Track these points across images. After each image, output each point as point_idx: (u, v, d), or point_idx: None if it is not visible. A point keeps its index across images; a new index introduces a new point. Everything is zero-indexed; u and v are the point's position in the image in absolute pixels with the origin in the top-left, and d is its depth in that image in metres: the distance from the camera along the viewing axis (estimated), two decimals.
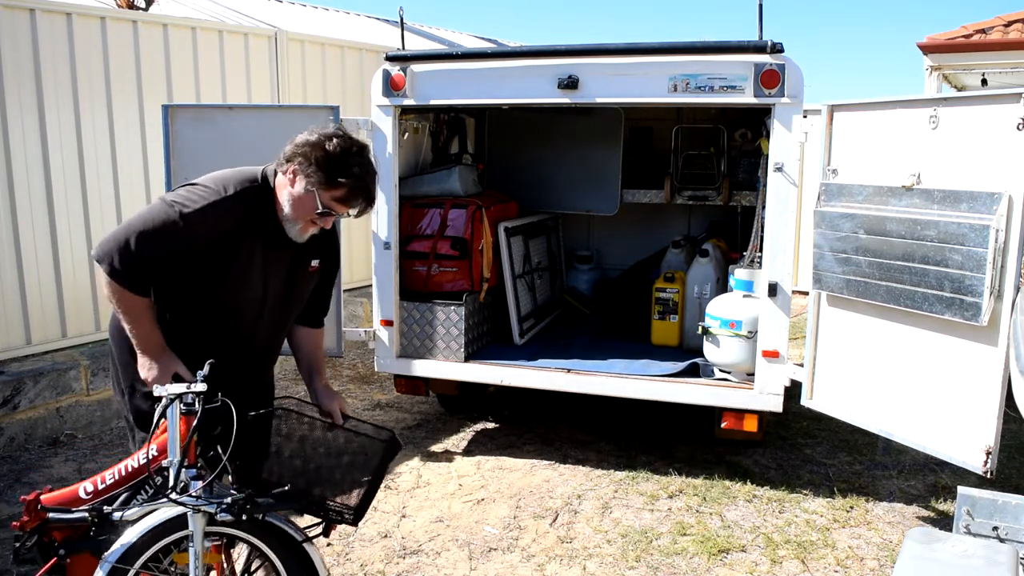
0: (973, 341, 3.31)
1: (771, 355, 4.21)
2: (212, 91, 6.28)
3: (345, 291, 5.32)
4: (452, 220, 5.10)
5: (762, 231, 4.37)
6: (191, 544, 2.32)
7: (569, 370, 4.64)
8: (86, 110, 5.51)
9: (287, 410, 2.55)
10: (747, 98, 4.13)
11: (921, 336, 3.52)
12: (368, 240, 5.19)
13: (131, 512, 2.33)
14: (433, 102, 4.63)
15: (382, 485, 3.65)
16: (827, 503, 4.26)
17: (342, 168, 2.46)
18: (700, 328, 4.66)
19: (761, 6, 4.06)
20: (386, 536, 3.89)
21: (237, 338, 2.63)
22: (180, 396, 2.29)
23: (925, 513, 4.19)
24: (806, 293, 4.16)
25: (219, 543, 2.41)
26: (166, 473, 2.31)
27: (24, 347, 5.28)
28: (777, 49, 4.04)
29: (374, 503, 3.38)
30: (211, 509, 2.27)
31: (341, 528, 3.93)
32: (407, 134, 5.19)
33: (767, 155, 4.36)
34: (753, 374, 4.34)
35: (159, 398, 2.31)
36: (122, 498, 2.45)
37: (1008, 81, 9.59)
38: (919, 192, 3.42)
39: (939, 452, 3.49)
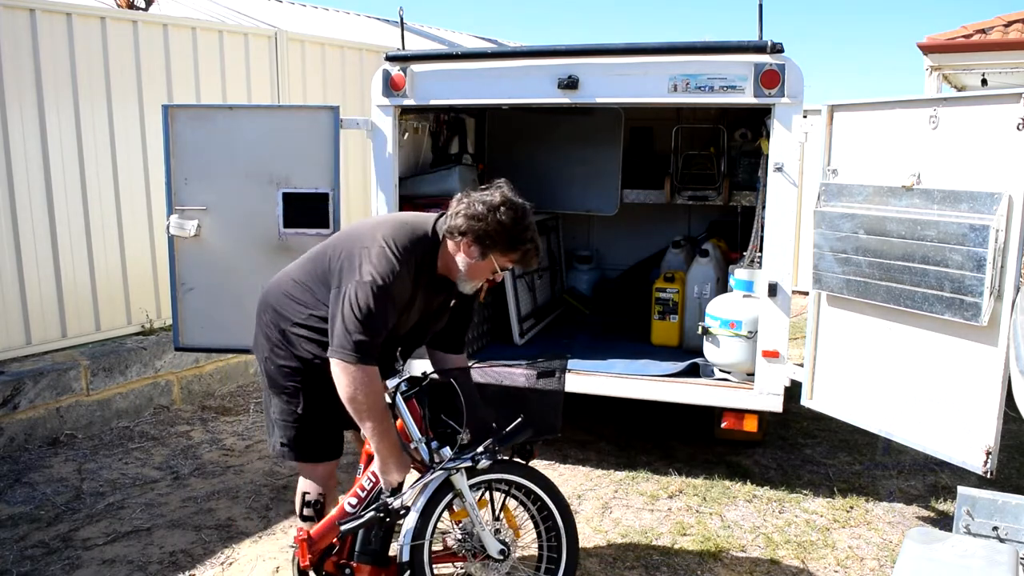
0: (973, 341, 3.31)
1: (771, 355, 4.21)
2: (212, 91, 6.28)
3: None
4: None
5: (762, 231, 4.37)
6: (464, 500, 2.79)
7: (569, 370, 4.64)
8: (86, 110, 5.51)
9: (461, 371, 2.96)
10: (747, 98, 4.12)
11: (921, 336, 3.52)
12: None
13: (407, 496, 2.73)
14: (433, 102, 4.63)
15: None
16: (827, 503, 4.26)
17: (518, 236, 2.76)
18: (700, 328, 4.66)
19: (761, 6, 4.06)
20: None
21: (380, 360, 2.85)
22: (397, 387, 2.73)
23: (925, 513, 4.19)
24: (806, 293, 4.16)
25: (483, 492, 2.91)
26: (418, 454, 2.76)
27: (24, 347, 5.27)
28: (777, 49, 4.04)
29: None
30: (468, 464, 2.74)
31: None
32: (407, 134, 5.19)
33: (767, 155, 4.36)
34: (753, 374, 4.33)
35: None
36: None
37: (1008, 81, 9.58)
38: (919, 192, 3.42)
39: (939, 452, 3.49)
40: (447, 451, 2.78)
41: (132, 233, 5.85)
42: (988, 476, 3.29)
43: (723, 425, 4.47)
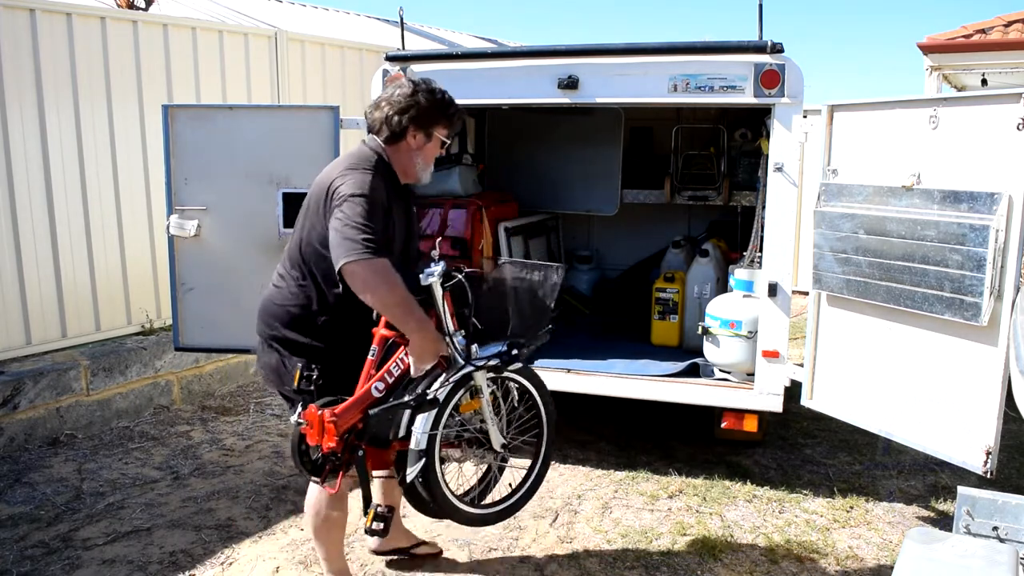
0: (973, 341, 3.30)
1: (771, 355, 4.21)
2: (212, 91, 6.28)
3: None
4: (452, 220, 5.11)
5: (762, 231, 4.37)
6: (481, 396, 2.98)
7: (569, 370, 4.64)
8: (86, 110, 5.51)
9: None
10: (747, 98, 4.12)
11: (921, 336, 3.52)
12: None
13: (439, 389, 2.83)
14: None
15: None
16: (827, 503, 4.26)
17: (445, 103, 2.99)
18: (700, 328, 4.65)
19: (761, 6, 4.06)
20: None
21: None
22: (442, 277, 2.81)
23: (925, 513, 4.19)
24: (806, 293, 4.16)
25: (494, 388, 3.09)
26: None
27: (24, 347, 5.27)
28: (777, 49, 4.04)
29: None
30: (497, 364, 2.94)
31: None
32: None
33: (767, 155, 4.36)
34: (753, 374, 4.33)
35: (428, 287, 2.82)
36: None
37: (1008, 81, 9.59)
38: (919, 192, 3.42)
39: (939, 452, 3.49)
40: (475, 348, 2.92)
41: (132, 233, 5.85)
42: (988, 476, 3.29)
43: (723, 425, 4.47)
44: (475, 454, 3.12)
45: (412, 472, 2.85)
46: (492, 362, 2.94)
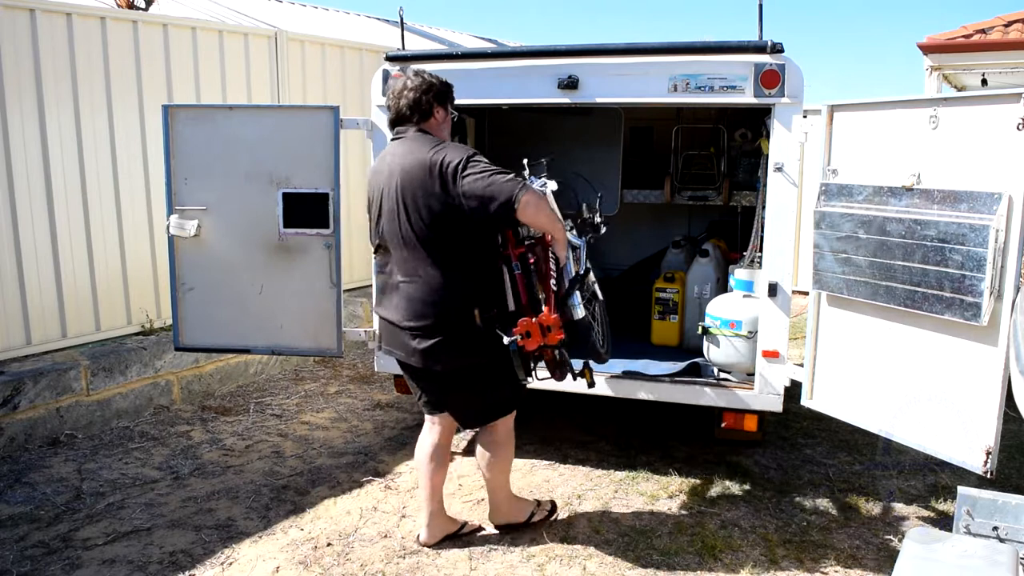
0: (973, 341, 3.30)
1: (771, 355, 4.21)
2: (212, 91, 6.28)
3: (345, 291, 5.31)
4: None
5: (762, 231, 4.37)
6: (588, 277, 3.90)
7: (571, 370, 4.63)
8: (86, 110, 5.51)
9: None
10: (747, 98, 4.12)
11: (921, 336, 3.52)
12: (368, 240, 5.18)
13: (584, 266, 3.79)
14: None
15: (388, 476, 4.53)
16: (827, 503, 4.26)
17: (445, 83, 3.48)
18: (700, 328, 4.65)
19: (761, 6, 4.05)
20: (386, 536, 3.89)
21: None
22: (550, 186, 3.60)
23: (925, 513, 4.19)
24: (806, 293, 4.16)
25: None
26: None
27: (24, 347, 5.28)
28: (777, 49, 4.03)
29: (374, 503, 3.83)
30: (592, 238, 4.08)
31: (340, 528, 3.96)
32: None
33: (767, 155, 4.36)
34: (753, 374, 4.33)
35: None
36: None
37: (1008, 81, 9.60)
38: (919, 192, 3.42)
39: (939, 452, 3.49)
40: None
41: (132, 233, 5.85)
42: (988, 476, 3.29)
43: (723, 425, 4.46)
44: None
45: (595, 334, 3.60)
46: (591, 237, 3.94)
